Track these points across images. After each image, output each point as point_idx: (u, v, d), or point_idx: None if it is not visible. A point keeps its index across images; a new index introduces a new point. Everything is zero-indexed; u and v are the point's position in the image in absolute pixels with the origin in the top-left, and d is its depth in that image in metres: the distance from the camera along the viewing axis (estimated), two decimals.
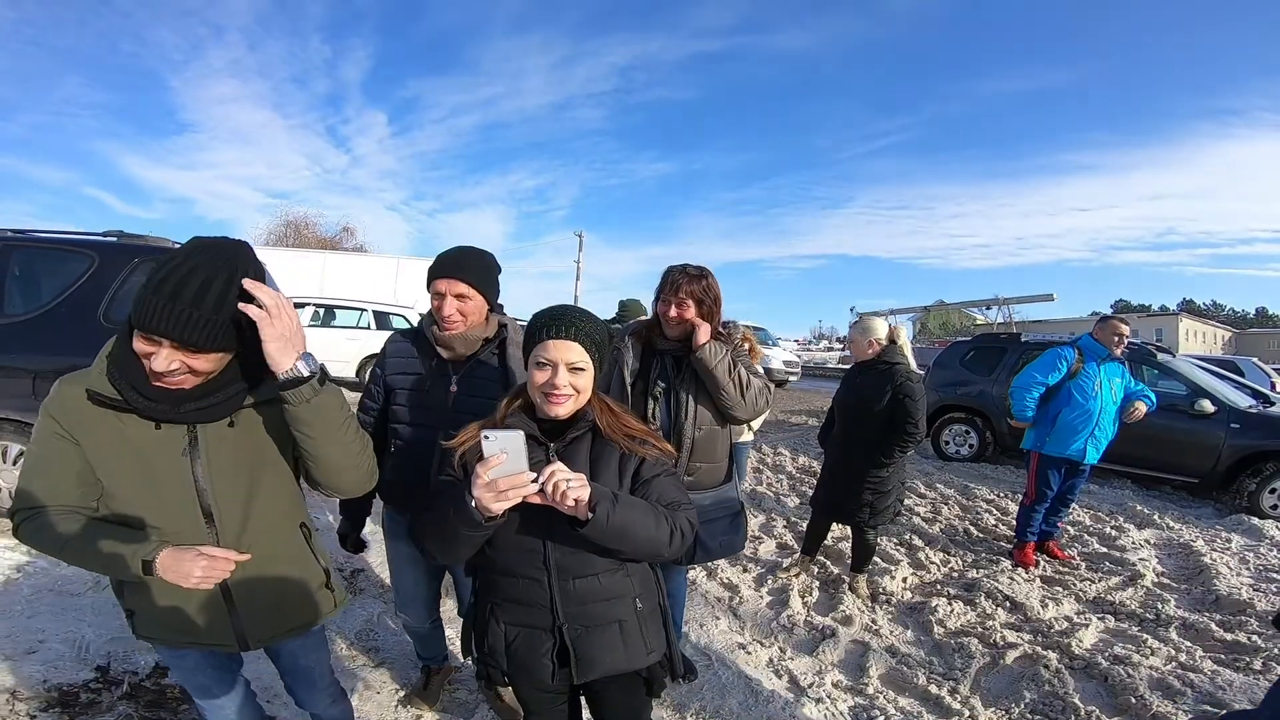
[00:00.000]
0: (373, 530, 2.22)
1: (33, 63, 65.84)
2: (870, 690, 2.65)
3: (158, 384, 1.18)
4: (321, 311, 10.54)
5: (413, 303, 12.17)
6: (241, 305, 1.12)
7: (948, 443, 7.70)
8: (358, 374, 9.91)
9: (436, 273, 1.84)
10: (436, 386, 1.89)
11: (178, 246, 1.22)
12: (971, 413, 7.61)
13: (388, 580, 3.19)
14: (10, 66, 63.05)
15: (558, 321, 1.34)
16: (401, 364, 1.96)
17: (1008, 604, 3.50)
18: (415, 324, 2.08)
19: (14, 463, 3.44)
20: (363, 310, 10.61)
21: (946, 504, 5.48)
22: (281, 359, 1.15)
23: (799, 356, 21.67)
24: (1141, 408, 3.97)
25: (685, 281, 2.14)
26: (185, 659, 1.44)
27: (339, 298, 11.45)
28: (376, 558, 3.48)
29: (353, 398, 6.83)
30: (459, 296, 1.81)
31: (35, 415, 1.21)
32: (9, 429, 3.38)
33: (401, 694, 2.43)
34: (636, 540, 1.24)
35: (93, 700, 2.17)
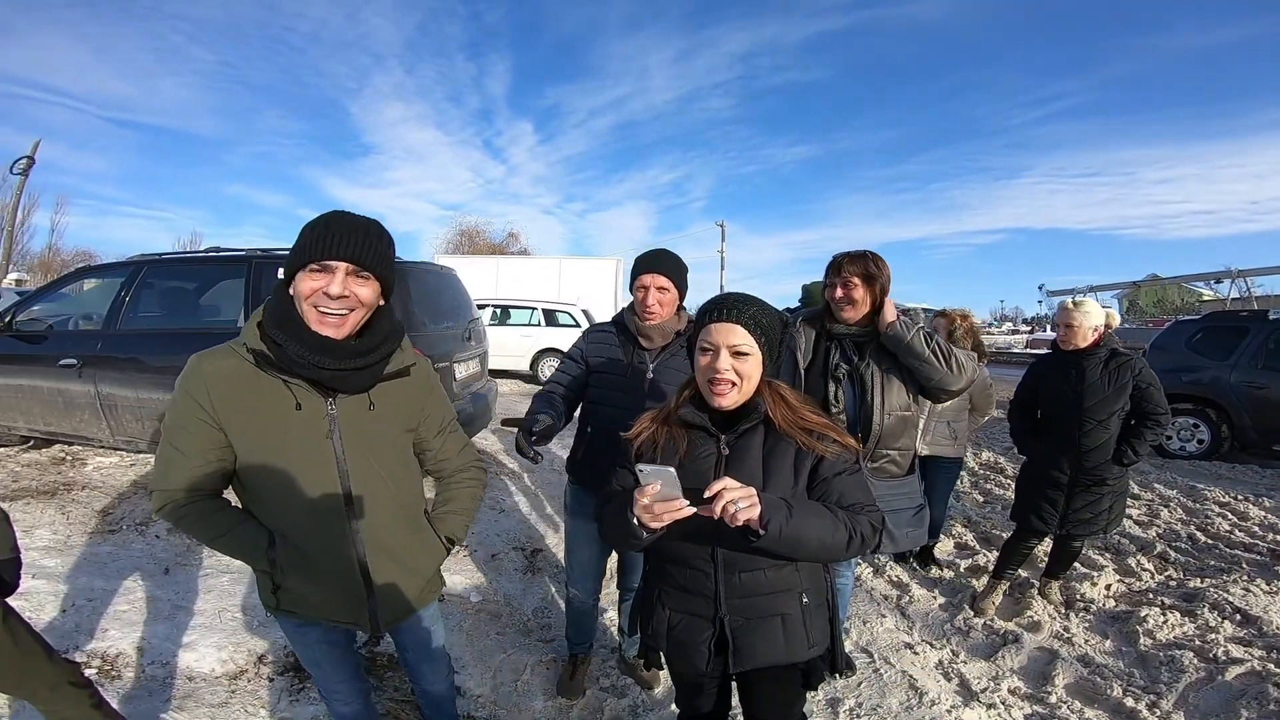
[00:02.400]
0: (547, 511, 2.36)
1: (241, 99, 78.29)
2: (1053, 699, 2.41)
3: (320, 324, 1.24)
4: (498, 312, 11.53)
5: (575, 299, 12.89)
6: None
7: (1170, 437, 6.58)
8: (531, 367, 10.74)
9: (642, 268, 2.06)
10: (635, 373, 2.08)
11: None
12: (1201, 403, 6.46)
13: (562, 560, 3.46)
14: (224, 104, 75.46)
15: (721, 306, 1.34)
16: (603, 350, 2.16)
17: (1238, 617, 2.99)
18: (596, 318, 2.27)
19: None
20: (533, 309, 11.44)
21: (1167, 506, 4.74)
22: None
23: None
24: None
25: (848, 261, 2.13)
26: (308, 634, 1.49)
27: (512, 298, 12.45)
28: (553, 539, 3.77)
29: (527, 390, 7.44)
30: (660, 289, 2.03)
31: None
32: None
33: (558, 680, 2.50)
34: (810, 548, 1.21)
35: None
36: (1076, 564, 3.39)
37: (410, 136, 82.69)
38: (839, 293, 2.13)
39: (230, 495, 1.39)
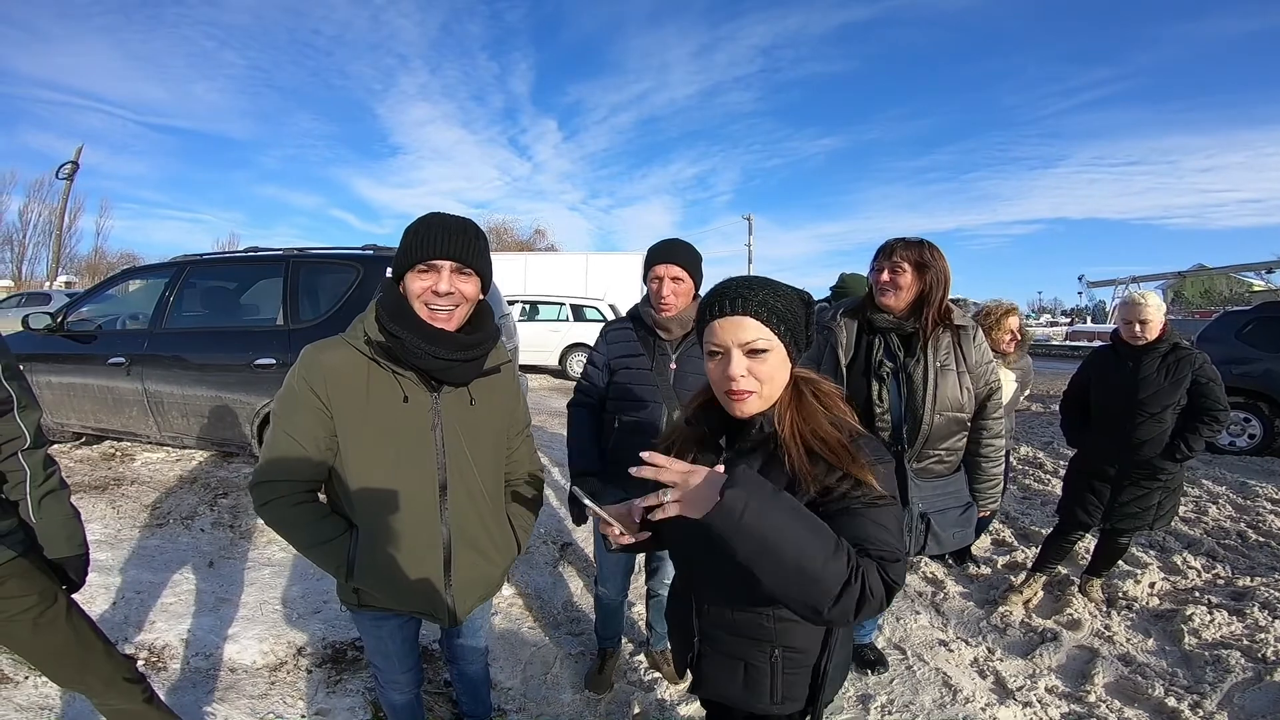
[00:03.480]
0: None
1: (271, 102, 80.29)
2: (1091, 698, 2.36)
3: (432, 320, 1.31)
4: (527, 308, 11.62)
5: (602, 294, 12.93)
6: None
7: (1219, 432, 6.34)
8: (560, 362, 10.81)
9: (654, 259, 2.04)
10: (660, 366, 2.08)
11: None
12: (1252, 397, 6.22)
13: (591, 555, 3.46)
14: (255, 107, 77.40)
15: (722, 298, 1.08)
16: (625, 348, 2.14)
17: None
18: (623, 313, 2.27)
19: None
20: (561, 304, 11.52)
21: (1215, 503, 4.58)
22: None
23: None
24: None
25: (902, 246, 2.00)
26: (383, 628, 1.53)
27: (540, 294, 12.54)
28: (582, 534, 3.78)
29: (555, 384, 7.49)
30: (675, 279, 2.01)
31: None
32: None
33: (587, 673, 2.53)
34: (783, 558, 0.86)
35: (356, 657, 2.41)
36: (1119, 561, 3.29)
37: (436, 136, 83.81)
38: (885, 276, 2.00)
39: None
